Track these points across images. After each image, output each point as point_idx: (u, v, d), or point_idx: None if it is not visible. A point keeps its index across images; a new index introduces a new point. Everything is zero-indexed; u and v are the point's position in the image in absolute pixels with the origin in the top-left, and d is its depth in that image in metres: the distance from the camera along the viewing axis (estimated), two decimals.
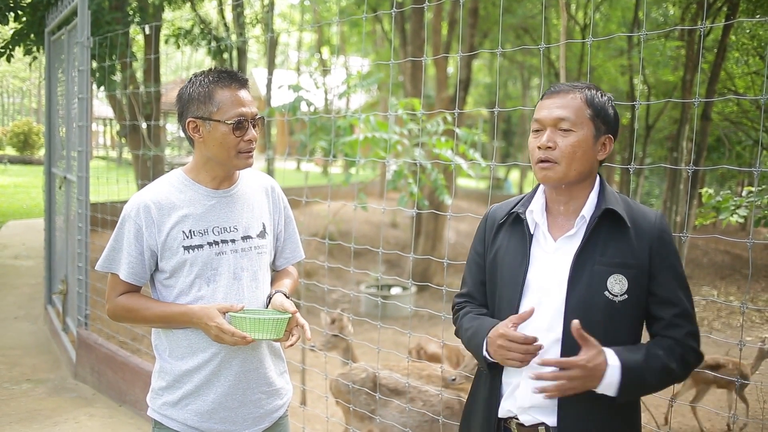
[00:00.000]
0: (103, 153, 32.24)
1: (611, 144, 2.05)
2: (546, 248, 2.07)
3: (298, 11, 26.56)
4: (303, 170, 23.85)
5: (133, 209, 2.29)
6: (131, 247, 2.28)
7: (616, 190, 2.28)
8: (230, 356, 2.32)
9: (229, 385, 2.33)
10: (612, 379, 1.89)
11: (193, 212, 2.31)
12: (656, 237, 1.98)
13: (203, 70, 2.35)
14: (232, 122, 2.23)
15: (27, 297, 8.42)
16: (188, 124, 2.28)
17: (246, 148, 2.28)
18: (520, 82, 28.31)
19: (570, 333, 1.91)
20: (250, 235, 2.39)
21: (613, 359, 1.89)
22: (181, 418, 2.33)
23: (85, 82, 5.62)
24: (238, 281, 2.34)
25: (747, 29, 13.01)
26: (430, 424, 4.19)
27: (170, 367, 2.35)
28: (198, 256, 2.29)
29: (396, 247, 16.28)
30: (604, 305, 1.95)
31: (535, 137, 2.04)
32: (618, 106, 2.11)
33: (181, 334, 2.32)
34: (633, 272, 1.96)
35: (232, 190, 2.39)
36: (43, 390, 5.49)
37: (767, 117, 14.35)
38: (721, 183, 20.83)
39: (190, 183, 2.35)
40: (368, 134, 5.93)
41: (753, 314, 9.85)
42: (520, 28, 18.03)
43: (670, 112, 17.22)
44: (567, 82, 2.10)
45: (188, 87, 2.30)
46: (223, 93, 2.25)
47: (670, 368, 1.93)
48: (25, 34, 7.83)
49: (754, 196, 5.11)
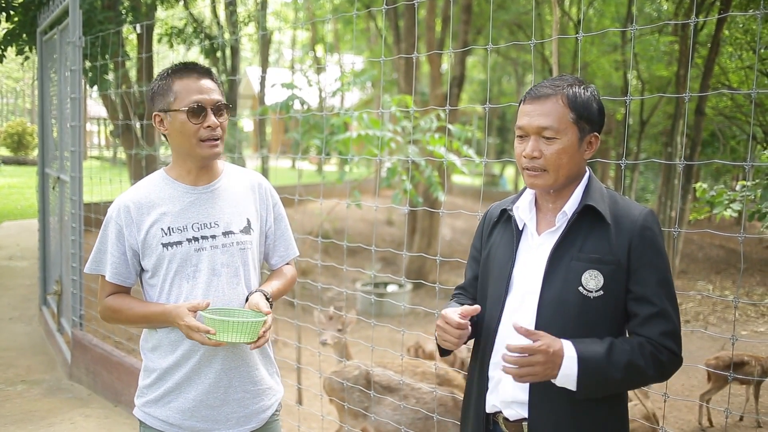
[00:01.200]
0: (97, 153, 32.16)
1: (597, 141, 2.03)
2: (531, 244, 2.07)
3: (291, 9, 26.52)
4: (297, 168, 24.02)
5: (115, 210, 2.32)
6: (114, 248, 2.30)
7: (611, 186, 2.27)
8: (211, 353, 2.31)
9: (210, 383, 2.32)
10: (569, 371, 1.86)
11: (172, 209, 2.32)
12: (637, 233, 1.94)
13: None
14: (186, 108, 2.23)
15: (21, 298, 8.40)
16: (154, 118, 2.31)
17: (207, 136, 2.27)
18: (514, 78, 28.30)
19: (542, 327, 1.93)
20: (232, 231, 2.37)
21: (570, 350, 1.86)
22: (163, 416, 2.33)
23: (78, 81, 5.61)
24: (218, 278, 2.33)
25: (740, 24, 13.02)
26: (423, 421, 4.19)
27: (153, 365, 2.36)
28: (176, 252, 2.29)
29: (392, 244, 16.28)
30: (579, 301, 1.94)
31: (519, 143, 2.03)
32: (611, 102, 2.09)
33: (162, 332, 2.33)
34: (609, 268, 1.93)
35: (213, 186, 2.39)
36: (38, 391, 5.48)
37: (760, 111, 14.34)
38: (715, 178, 20.90)
39: (170, 181, 2.36)
40: (361, 132, 5.93)
41: (748, 308, 9.88)
42: (514, 24, 18.02)
43: (664, 108, 17.24)
44: (548, 79, 2.04)
45: (152, 83, 2.33)
46: (181, 82, 2.26)
47: (637, 365, 1.88)
48: (17, 34, 7.80)
49: (747, 190, 5.12)
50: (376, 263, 14.80)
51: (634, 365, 1.87)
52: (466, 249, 16.57)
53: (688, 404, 6.26)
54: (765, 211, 4.93)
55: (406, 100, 6.53)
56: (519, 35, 18.46)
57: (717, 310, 10.15)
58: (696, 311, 10.14)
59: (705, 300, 10.58)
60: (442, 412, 4.14)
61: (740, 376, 5.06)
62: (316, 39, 26.17)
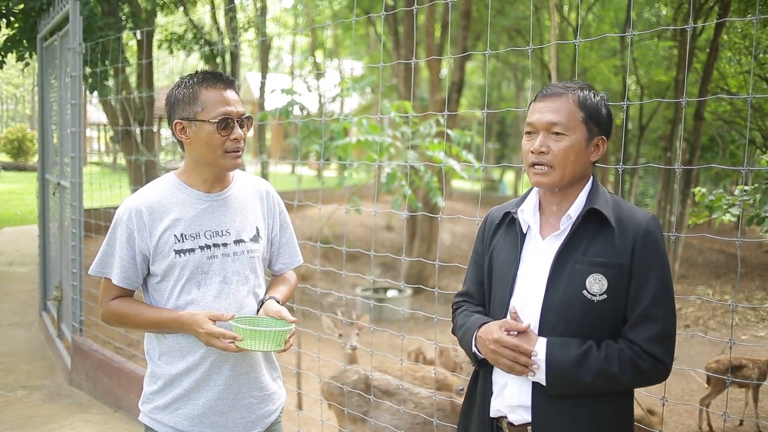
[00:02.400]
0: (97, 159, 32.17)
1: (604, 145, 2.04)
2: (535, 247, 2.08)
3: (290, 15, 26.56)
4: (296, 174, 24.09)
5: (125, 213, 2.29)
6: (123, 251, 2.28)
7: (611, 190, 2.29)
8: (221, 360, 2.31)
9: (220, 389, 2.32)
10: (539, 372, 1.94)
11: (185, 216, 2.30)
12: (640, 237, 1.94)
13: (191, 72, 2.36)
14: (216, 121, 2.23)
15: (22, 303, 8.40)
16: (175, 126, 2.29)
17: (232, 148, 2.27)
18: (513, 83, 28.34)
19: (546, 330, 1.96)
20: (242, 239, 2.38)
21: (540, 352, 1.93)
22: (171, 422, 2.33)
23: (78, 87, 5.62)
24: (228, 285, 2.33)
25: (739, 29, 13.05)
26: (422, 426, 4.20)
27: (161, 371, 2.35)
28: (189, 259, 2.29)
29: (391, 250, 16.28)
30: (583, 304, 1.94)
31: (528, 140, 2.04)
32: (611, 107, 2.11)
33: (172, 338, 2.32)
34: (613, 272, 1.93)
35: (225, 194, 2.39)
36: (38, 396, 5.48)
37: (758, 116, 14.33)
38: (715, 182, 20.88)
39: (182, 186, 2.35)
40: (361, 137, 5.93)
41: (748, 313, 9.88)
42: (513, 29, 18.05)
43: (663, 112, 17.26)
44: (560, 82, 2.07)
45: (174, 89, 2.31)
46: (208, 93, 2.25)
47: (610, 372, 1.89)
48: (17, 40, 7.83)
49: (746, 195, 5.13)
50: (375, 268, 14.81)
51: (606, 372, 1.89)
52: (465, 254, 16.59)
53: (688, 409, 6.26)
54: (764, 215, 4.93)
55: (405, 106, 6.54)
56: (518, 40, 18.50)
57: (717, 314, 10.16)
58: (696, 316, 10.15)
59: (705, 304, 10.58)
60: (441, 416, 4.15)
61: (738, 380, 5.06)
62: (316, 45, 26.23)
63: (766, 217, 4.84)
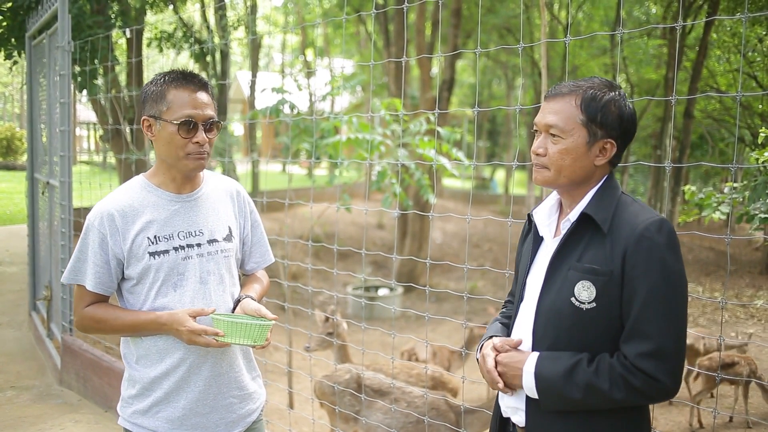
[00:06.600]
0: (87, 157, 32.04)
1: (613, 149, 1.92)
2: (545, 250, 2.04)
3: (281, 13, 26.51)
4: (287, 172, 23.87)
5: (96, 218, 2.27)
6: (97, 256, 2.26)
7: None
8: (200, 361, 2.31)
9: (200, 391, 2.31)
10: (530, 385, 1.90)
11: (158, 217, 2.29)
12: (632, 242, 1.81)
13: (166, 70, 2.35)
14: (179, 122, 2.21)
15: (11, 303, 8.35)
16: (143, 122, 2.29)
17: (194, 151, 2.25)
18: (504, 81, 28.40)
19: (537, 337, 1.95)
20: (216, 239, 2.38)
21: (530, 366, 1.90)
22: (152, 426, 2.31)
23: (67, 86, 5.59)
24: (204, 285, 2.33)
25: (728, 27, 13.12)
26: (415, 424, 4.20)
27: (139, 375, 2.33)
28: (164, 261, 2.27)
29: (383, 248, 16.28)
30: (571, 312, 1.87)
31: (536, 138, 2.00)
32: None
33: (149, 341, 2.30)
34: (602, 280, 1.83)
35: (196, 194, 2.39)
36: (28, 397, 5.45)
37: (747, 114, 14.40)
38: (704, 180, 20.98)
39: (152, 188, 2.34)
40: (351, 135, 5.93)
41: (738, 310, 9.92)
42: (503, 28, 18.09)
43: (653, 110, 17.34)
44: (570, 80, 1.99)
45: (147, 85, 2.30)
46: (176, 93, 2.24)
47: (599, 389, 1.80)
48: (5, 38, 7.78)
49: (735, 192, 5.15)
50: (366, 267, 14.81)
51: (595, 388, 1.80)
52: (456, 252, 16.63)
53: (678, 405, 6.29)
54: (753, 213, 4.95)
55: (395, 104, 6.55)
56: (508, 39, 18.53)
57: (707, 311, 10.18)
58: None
59: (695, 302, 10.61)
60: (434, 415, 4.15)
61: (729, 377, 5.08)
62: (306, 43, 26.20)
63: (755, 214, 4.87)
